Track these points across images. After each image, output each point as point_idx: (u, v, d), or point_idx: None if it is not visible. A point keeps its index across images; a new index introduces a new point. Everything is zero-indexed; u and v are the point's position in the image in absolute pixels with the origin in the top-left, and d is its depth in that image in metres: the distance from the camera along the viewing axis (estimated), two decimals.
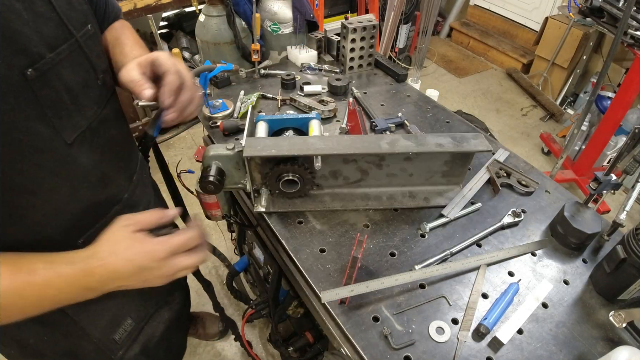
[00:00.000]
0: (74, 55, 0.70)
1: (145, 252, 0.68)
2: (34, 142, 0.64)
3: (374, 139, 0.95)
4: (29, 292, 0.62)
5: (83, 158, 0.75)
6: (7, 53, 0.57)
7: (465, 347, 0.78)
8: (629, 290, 0.82)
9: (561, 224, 0.96)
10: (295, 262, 0.92)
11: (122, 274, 0.67)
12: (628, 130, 2.85)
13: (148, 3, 2.60)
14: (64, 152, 0.70)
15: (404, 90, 1.52)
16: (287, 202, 1.02)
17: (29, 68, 0.60)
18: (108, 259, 0.66)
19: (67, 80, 0.69)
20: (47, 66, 0.64)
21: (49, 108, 0.65)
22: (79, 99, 0.72)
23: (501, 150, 1.23)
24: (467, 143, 0.95)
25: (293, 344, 1.40)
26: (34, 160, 0.65)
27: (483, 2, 4.65)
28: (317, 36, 1.65)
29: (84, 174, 0.76)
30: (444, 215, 1.01)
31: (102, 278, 0.66)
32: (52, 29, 0.65)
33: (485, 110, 3.81)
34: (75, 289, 0.65)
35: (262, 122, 1.09)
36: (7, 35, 0.57)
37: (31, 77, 0.61)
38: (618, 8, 2.33)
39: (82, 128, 0.73)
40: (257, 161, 0.95)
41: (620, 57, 3.30)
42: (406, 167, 1.02)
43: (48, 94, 0.64)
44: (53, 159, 0.68)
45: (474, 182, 1.11)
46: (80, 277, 0.65)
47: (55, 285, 0.63)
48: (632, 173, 0.91)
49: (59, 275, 0.64)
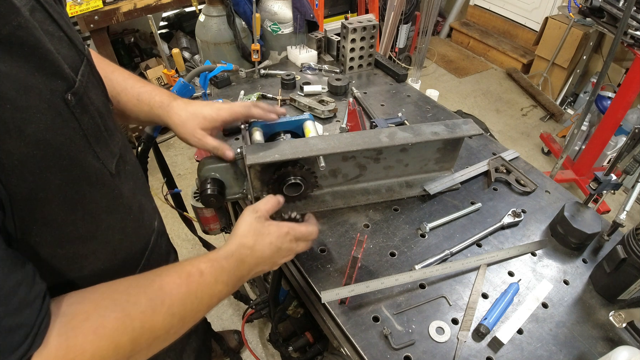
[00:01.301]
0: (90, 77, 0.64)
1: (281, 235, 0.75)
2: (89, 177, 0.57)
3: (373, 134, 0.96)
4: (202, 293, 0.63)
5: (125, 189, 0.69)
6: (47, 77, 0.50)
7: (465, 347, 0.78)
8: (629, 290, 0.82)
9: (561, 224, 0.96)
10: (295, 262, 0.92)
11: (266, 257, 0.73)
12: (628, 130, 2.85)
13: (148, 3, 2.61)
14: (112, 185, 0.64)
15: (404, 90, 1.52)
16: (289, 207, 1.02)
17: (67, 92, 0.53)
18: (256, 246, 0.72)
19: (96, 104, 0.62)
20: (82, 90, 0.57)
21: (91, 136, 0.58)
22: (107, 124, 0.66)
23: (511, 151, 1.24)
24: (459, 129, 1.01)
25: (293, 344, 1.40)
26: (92, 199, 0.59)
27: (483, 2, 4.65)
28: (317, 36, 1.65)
29: (129, 206, 0.71)
30: (426, 190, 1.07)
31: (250, 265, 0.72)
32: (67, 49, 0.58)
33: (485, 110, 3.81)
34: (234, 279, 0.69)
35: (256, 128, 1.06)
36: (43, 56, 0.50)
37: (71, 102, 0.54)
38: (618, 8, 2.33)
39: (116, 155, 0.66)
40: (257, 168, 0.94)
41: (620, 57, 3.29)
42: (402, 158, 1.05)
43: (87, 120, 0.58)
44: (106, 194, 0.63)
45: (469, 170, 1.14)
46: (237, 267, 0.69)
47: (222, 280, 0.66)
48: (632, 173, 0.91)
49: (222, 269, 0.67)
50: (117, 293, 0.55)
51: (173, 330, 0.59)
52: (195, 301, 0.62)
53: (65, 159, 0.52)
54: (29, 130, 0.46)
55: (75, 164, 0.54)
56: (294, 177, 0.93)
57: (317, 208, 1.02)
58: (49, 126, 0.49)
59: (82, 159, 0.55)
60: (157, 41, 1.47)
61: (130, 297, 0.55)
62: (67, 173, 0.53)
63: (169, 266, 0.63)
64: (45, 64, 0.50)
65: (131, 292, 0.55)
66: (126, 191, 0.69)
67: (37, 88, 0.48)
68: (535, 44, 3.91)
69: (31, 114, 0.47)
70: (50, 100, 0.50)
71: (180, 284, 0.60)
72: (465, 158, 1.21)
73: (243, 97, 1.39)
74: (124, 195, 0.68)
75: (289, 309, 1.33)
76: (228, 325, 2.09)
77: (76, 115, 0.54)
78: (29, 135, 0.46)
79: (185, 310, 0.60)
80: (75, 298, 0.52)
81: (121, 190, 0.67)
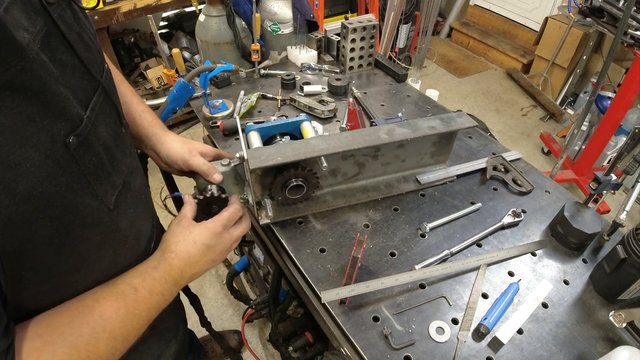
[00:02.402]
0: (103, 106, 0.62)
1: (204, 231, 0.76)
2: (83, 220, 0.56)
3: (372, 131, 0.97)
4: (140, 310, 0.64)
5: (122, 221, 0.68)
6: (48, 121, 0.48)
7: (465, 347, 0.78)
8: (629, 290, 0.82)
9: (561, 224, 0.96)
10: (295, 262, 0.92)
11: (194, 256, 0.74)
12: (628, 130, 2.85)
13: (148, 3, 2.61)
14: (108, 221, 0.63)
15: (404, 90, 1.52)
16: (290, 209, 1.02)
17: (70, 135, 0.51)
18: (178, 248, 0.73)
19: (104, 138, 0.61)
20: (87, 129, 0.55)
21: (91, 175, 0.56)
22: (114, 155, 0.64)
23: (514, 152, 1.24)
24: (454, 122, 1.04)
25: (293, 344, 1.40)
26: (82, 238, 0.58)
27: (483, 2, 4.65)
28: (317, 36, 1.65)
29: (124, 237, 0.70)
30: (418, 180, 1.10)
31: (180, 267, 0.72)
32: (79, 80, 0.55)
33: (485, 110, 3.81)
34: (168, 286, 0.70)
35: (253, 131, 1.07)
36: (46, 99, 0.47)
37: (73, 145, 0.51)
38: (618, 8, 2.33)
39: (119, 187, 0.65)
40: (258, 172, 0.93)
41: (620, 57, 3.29)
42: (399, 154, 1.06)
43: (90, 159, 0.56)
44: (99, 231, 0.61)
45: (465, 165, 1.16)
46: (167, 273, 0.70)
47: (156, 291, 0.67)
48: (632, 173, 0.91)
49: (154, 280, 0.68)
50: (62, 326, 0.55)
51: (118, 352, 0.61)
52: (135, 319, 0.63)
53: (58, 208, 0.50)
54: (20, 188, 0.44)
55: (68, 210, 0.52)
56: (296, 179, 0.93)
57: (318, 208, 1.02)
58: (44, 179, 0.47)
59: (77, 203, 0.54)
60: (157, 41, 1.47)
61: (74, 329, 0.56)
62: (58, 221, 0.51)
63: (103, 287, 0.63)
64: (48, 107, 0.48)
65: (74, 323, 0.56)
66: (124, 223, 0.68)
67: (34, 138, 0.46)
68: (535, 44, 3.91)
69: (24, 170, 0.45)
70: (49, 149, 0.48)
71: (118, 307, 0.61)
72: (466, 158, 1.21)
73: (243, 97, 1.39)
74: (121, 229, 0.67)
75: (289, 309, 1.33)
76: (228, 325, 2.09)
77: (77, 158, 0.53)
78: (20, 193, 0.45)
79: (127, 330, 0.62)
80: (24, 333, 0.52)
81: (118, 224, 0.66)
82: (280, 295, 1.34)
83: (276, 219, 1.00)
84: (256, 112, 1.38)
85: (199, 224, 0.78)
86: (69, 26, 0.55)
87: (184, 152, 0.91)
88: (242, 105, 1.36)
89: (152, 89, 3.24)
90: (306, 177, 0.94)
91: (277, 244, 1.01)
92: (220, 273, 2.32)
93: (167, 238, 0.76)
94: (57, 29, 0.52)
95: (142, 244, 0.79)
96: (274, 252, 1.11)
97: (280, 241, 0.96)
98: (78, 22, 0.59)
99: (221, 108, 1.33)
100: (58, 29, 0.52)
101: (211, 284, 2.28)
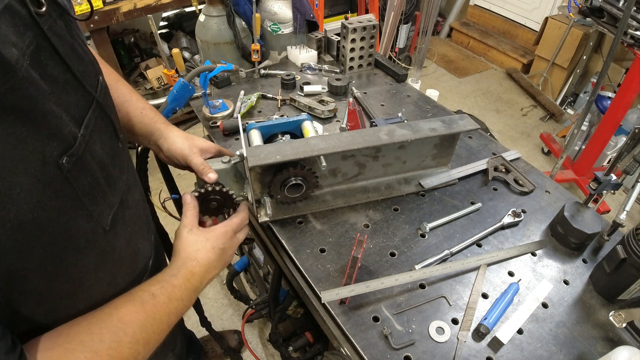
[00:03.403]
0: (98, 122, 0.59)
1: (219, 237, 0.79)
2: (76, 243, 0.54)
3: (373, 132, 0.97)
4: (160, 315, 0.65)
5: (119, 241, 0.66)
6: (40, 143, 0.45)
7: (465, 347, 0.78)
8: (629, 290, 0.82)
9: (561, 224, 0.96)
10: (295, 262, 0.92)
11: (212, 262, 0.77)
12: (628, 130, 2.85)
13: (148, 3, 2.61)
14: (104, 242, 0.61)
15: (404, 90, 1.52)
16: (290, 208, 1.02)
17: (63, 156, 0.48)
18: (199, 255, 0.75)
19: (100, 155, 0.58)
20: (82, 148, 0.52)
21: (86, 196, 0.54)
22: (110, 173, 0.62)
23: (513, 151, 1.24)
24: (456, 124, 1.02)
25: (293, 344, 1.40)
26: (76, 264, 0.56)
27: (483, 2, 4.65)
28: (317, 36, 1.65)
29: (121, 258, 0.69)
30: (422, 185, 1.09)
31: (200, 274, 0.75)
32: (72, 96, 0.52)
33: (485, 110, 3.81)
34: (187, 293, 0.71)
35: (254, 129, 1.07)
36: (37, 119, 0.45)
37: (67, 166, 0.49)
38: (618, 8, 2.33)
39: (115, 206, 0.63)
40: (257, 170, 0.94)
41: (620, 57, 3.29)
42: (400, 155, 1.05)
43: (84, 180, 0.53)
44: (94, 255, 0.60)
45: (467, 167, 1.15)
46: (187, 280, 0.71)
47: (175, 297, 0.68)
48: (632, 173, 0.91)
49: (173, 286, 0.69)
50: (82, 333, 0.55)
51: (141, 357, 0.61)
52: (155, 324, 0.64)
53: (50, 234, 0.48)
54: (10, 216, 0.42)
55: (62, 235, 0.50)
56: (295, 177, 0.93)
57: (317, 208, 1.02)
58: (35, 205, 0.45)
59: (71, 227, 0.52)
60: (157, 41, 1.47)
61: (94, 335, 0.55)
62: (51, 248, 0.49)
63: (121, 297, 0.64)
64: (39, 127, 0.45)
65: (94, 330, 0.56)
66: (120, 244, 0.67)
67: (25, 161, 0.43)
68: (535, 44, 3.91)
69: (14, 197, 0.42)
70: (40, 173, 0.45)
71: (137, 311, 0.61)
72: (466, 158, 1.21)
73: (243, 97, 1.39)
74: (117, 250, 0.66)
75: (289, 309, 1.33)
76: (228, 325, 2.09)
77: (70, 180, 0.50)
78: (10, 221, 0.43)
79: (148, 334, 0.62)
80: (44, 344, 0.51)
81: (114, 245, 0.64)
82: (280, 295, 1.34)
83: (275, 217, 1.00)
84: (256, 112, 1.38)
85: (211, 230, 0.80)
86: (61, 38, 0.52)
87: (184, 148, 0.91)
88: (242, 105, 1.36)
89: (152, 89, 3.24)
90: (305, 176, 0.94)
91: (277, 243, 1.01)
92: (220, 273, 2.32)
93: (184, 248, 0.76)
94: (48, 42, 0.48)
95: (140, 264, 0.79)
96: (274, 252, 1.11)
97: (280, 241, 0.96)
98: (71, 33, 0.55)
99: (221, 108, 1.33)
100: (49, 42, 0.48)
101: (211, 284, 2.27)
